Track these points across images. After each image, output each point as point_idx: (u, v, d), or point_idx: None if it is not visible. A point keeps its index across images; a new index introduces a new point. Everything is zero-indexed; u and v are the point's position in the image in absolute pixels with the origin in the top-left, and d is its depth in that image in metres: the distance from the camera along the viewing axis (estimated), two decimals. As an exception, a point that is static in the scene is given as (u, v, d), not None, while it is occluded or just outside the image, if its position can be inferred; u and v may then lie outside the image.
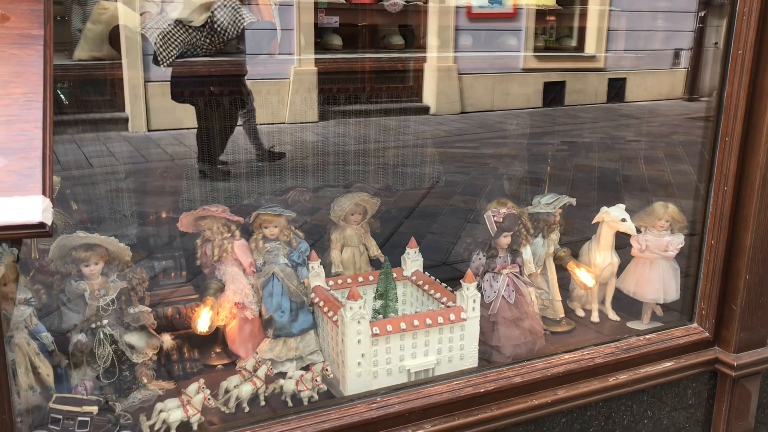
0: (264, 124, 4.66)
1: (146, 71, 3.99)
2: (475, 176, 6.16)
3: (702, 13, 7.14)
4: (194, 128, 4.37)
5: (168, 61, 3.08)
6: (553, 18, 5.30)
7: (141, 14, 3.58)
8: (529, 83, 6.17)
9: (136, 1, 3.52)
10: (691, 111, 6.72)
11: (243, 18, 3.45)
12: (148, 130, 4.32)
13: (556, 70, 6.35)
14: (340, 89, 4.82)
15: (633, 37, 6.91)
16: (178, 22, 3.44)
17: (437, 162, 6.23)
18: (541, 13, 5.53)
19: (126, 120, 4.22)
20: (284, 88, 4.64)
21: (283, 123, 4.76)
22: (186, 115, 4.33)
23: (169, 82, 3.77)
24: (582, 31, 6.16)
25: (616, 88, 7.00)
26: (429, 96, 5.50)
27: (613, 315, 3.09)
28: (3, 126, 1.47)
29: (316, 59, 4.42)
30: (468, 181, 5.99)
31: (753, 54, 2.67)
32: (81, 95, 3.87)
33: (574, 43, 6.35)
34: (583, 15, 5.88)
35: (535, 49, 5.99)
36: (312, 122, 4.92)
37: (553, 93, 6.47)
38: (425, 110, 5.51)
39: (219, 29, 3.37)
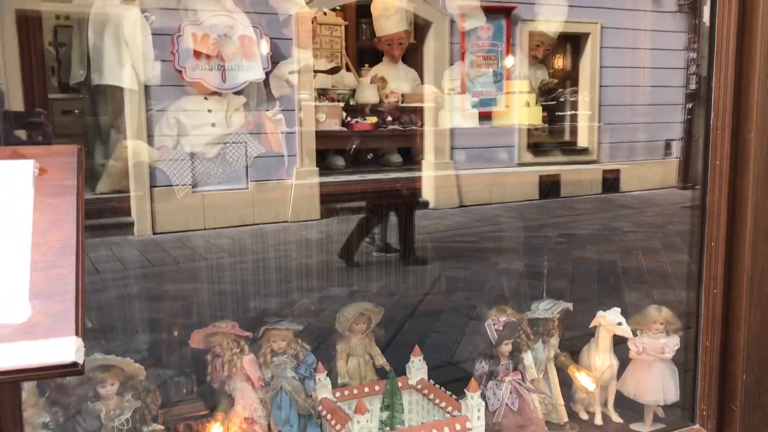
0: (266, 223, 4.86)
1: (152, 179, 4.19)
2: (476, 271, 6.32)
3: (690, 105, 7.48)
4: (200, 230, 4.57)
5: (183, 193, 3.29)
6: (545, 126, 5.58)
7: (158, 148, 3.85)
8: (524, 177, 6.38)
9: (153, 137, 3.79)
10: (686, 199, 6.91)
11: (253, 150, 3.73)
12: (154, 233, 4.48)
13: (550, 163, 6.55)
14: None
15: (625, 129, 7.17)
16: (193, 155, 3.71)
17: (438, 257, 6.43)
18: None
19: (131, 224, 4.41)
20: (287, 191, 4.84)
21: (286, 221, 4.93)
22: (191, 218, 4.54)
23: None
24: (574, 126, 6.41)
25: (611, 180, 7.20)
26: (428, 191, 5.71)
27: (616, 417, 3.17)
28: (41, 272, 1.64)
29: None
30: (469, 276, 6.15)
31: (729, 164, 2.87)
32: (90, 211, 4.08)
33: (566, 137, 6.59)
34: (574, 115, 6.15)
35: (529, 146, 6.23)
36: (314, 220, 5.10)
37: (549, 185, 6.68)
38: (425, 205, 5.71)
39: (231, 160, 3.62)
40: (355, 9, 6.57)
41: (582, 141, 6.65)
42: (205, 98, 4.11)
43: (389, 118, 4.46)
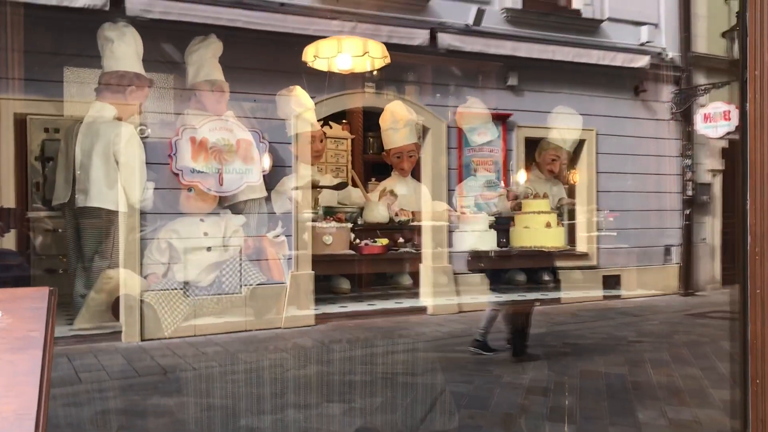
0: (259, 329, 4.44)
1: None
2: (479, 385, 5.87)
3: (687, 211, 7.31)
4: (189, 336, 4.15)
5: (172, 329, 2.95)
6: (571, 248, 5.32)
7: (146, 276, 3.53)
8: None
9: (140, 265, 3.48)
10: (689, 306, 6.59)
11: (251, 278, 3.41)
12: (142, 340, 4.12)
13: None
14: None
15: (624, 234, 6.95)
16: (186, 284, 3.38)
17: (439, 370, 5.97)
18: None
19: (119, 331, 4.06)
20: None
21: (279, 328, 4.54)
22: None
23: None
24: (572, 231, 6.19)
25: (611, 284, 6.93)
26: (426, 296, 5.36)
27: None
28: (-15, 450, 1.25)
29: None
30: (472, 391, 5.69)
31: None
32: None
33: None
34: (572, 223, 5.92)
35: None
36: (308, 326, 4.72)
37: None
38: (422, 310, 5.32)
39: (228, 289, 3.29)
40: (361, 121, 6.43)
41: (581, 245, 6.41)
42: (201, 220, 3.80)
43: (401, 240, 4.14)
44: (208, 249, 3.67)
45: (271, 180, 4.13)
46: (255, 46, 4.77)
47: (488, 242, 4.35)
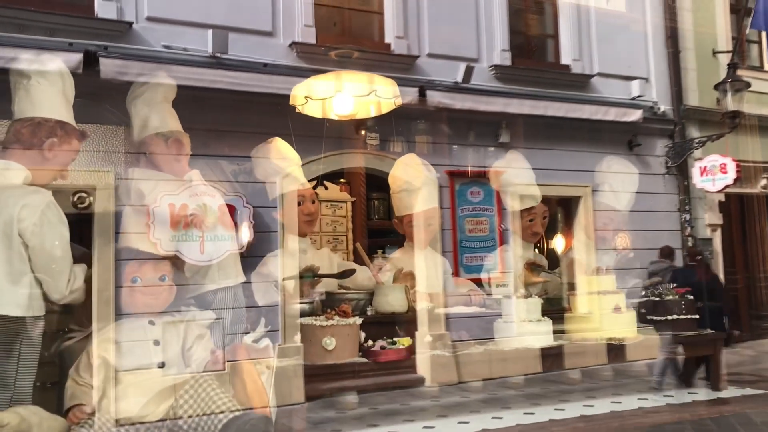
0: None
1: None
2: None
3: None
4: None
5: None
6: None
7: (66, 413, 2.23)
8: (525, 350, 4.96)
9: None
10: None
11: (221, 410, 2.14)
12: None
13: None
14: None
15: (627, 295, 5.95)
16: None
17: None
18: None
19: None
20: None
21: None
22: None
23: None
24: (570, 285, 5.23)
25: (615, 349, 5.83)
26: (423, 365, 4.09)
27: None
28: None
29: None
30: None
31: None
32: None
33: (565, 304, 5.31)
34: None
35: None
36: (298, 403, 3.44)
37: (551, 357, 5.34)
38: (420, 382, 4.05)
39: (186, 428, 2.00)
40: (363, 181, 5.43)
41: (582, 307, 5.41)
42: (150, 322, 2.51)
43: (428, 338, 2.88)
44: (160, 365, 2.38)
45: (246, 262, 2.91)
46: (238, 108, 4.30)
47: (545, 335, 3.17)
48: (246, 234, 3.00)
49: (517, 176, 3.88)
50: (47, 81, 2.56)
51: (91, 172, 3.21)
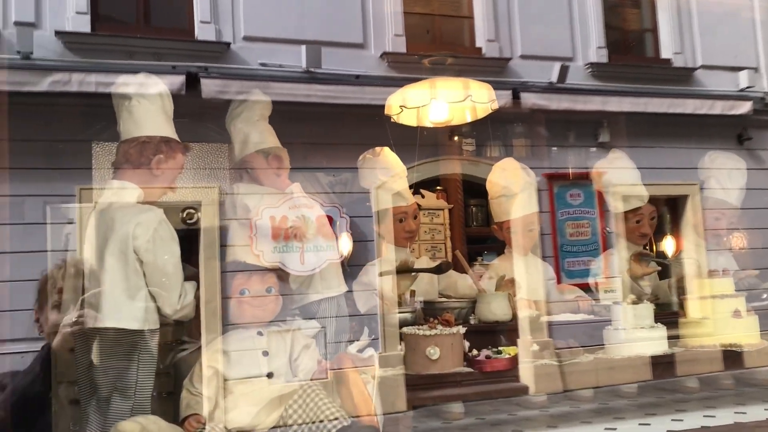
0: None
1: None
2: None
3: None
4: None
5: None
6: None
7: (182, 421, 2.29)
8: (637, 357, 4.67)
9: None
10: None
11: (329, 420, 2.14)
12: None
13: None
14: None
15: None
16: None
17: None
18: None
19: None
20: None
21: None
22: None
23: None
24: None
25: (733, 356, 5.43)
26: (527, 374, 3.92)
27: None
28: None
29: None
30: None
31: None
32: None
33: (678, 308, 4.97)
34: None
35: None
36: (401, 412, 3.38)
37: (663, 364, 5.01)
38: (524, 390, 3.88)
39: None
40: (460, 188, 5.36)
41: (696, 312, 5.06)
42: (259, 333, 2.55)
43: (535, 347, 2.76)
44: (269, 376, 2.41)
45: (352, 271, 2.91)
46: (332, 120, 4.40)
47: (659, 342, 2.98)
48: (346, 244, 3.00)
49: (620, 176, 3.68)
50: (147, 100, 2.65)
51: (198, 189, 3.33)
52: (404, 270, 2.90)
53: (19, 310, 3.95)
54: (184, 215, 2.88)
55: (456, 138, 4.34)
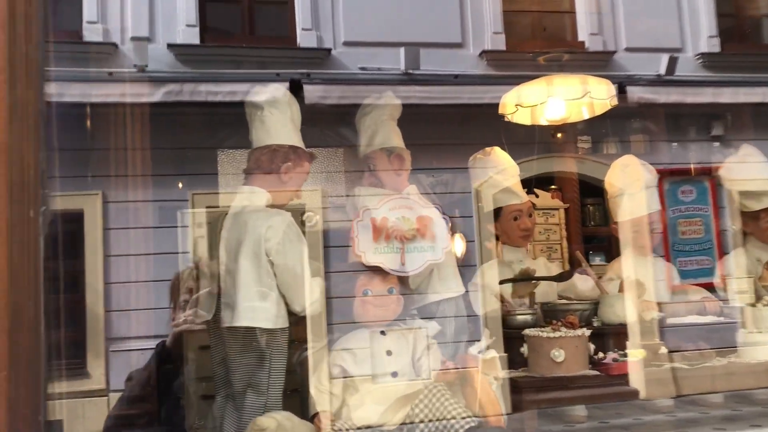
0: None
1: None
2: None
3: None
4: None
5: None
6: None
7: (313, 417, 2.37)
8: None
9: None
10: None
11: (456, 419, 2.15)
12: None
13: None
14: None
15: None
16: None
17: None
18: None
19: None
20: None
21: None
22: None
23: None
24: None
25: None
26: (636, 376, 3.77)
27: None
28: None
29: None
30: None
31: None
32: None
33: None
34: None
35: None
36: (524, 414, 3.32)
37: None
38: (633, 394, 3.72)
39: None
40: (576, 187, 5.26)
41: None
42: (382, 332, 2.62)
43: (663, 350, 2.68)
44: (393, 375, 2.45)
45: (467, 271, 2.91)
46: (431, 121, 4.39)
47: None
48: (459, 245, 3.01)
49: (752, 172, 3.48)
50: (278, 110, 2.76)
51: (313, 192, 3.44)
52: (525, 279, 2.87)
53: (149, 309, 4.22)
54: (304, 218, 2.97)
55: (560, 135, 4.26)
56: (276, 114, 2.73)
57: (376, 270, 2.60)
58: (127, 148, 4.14)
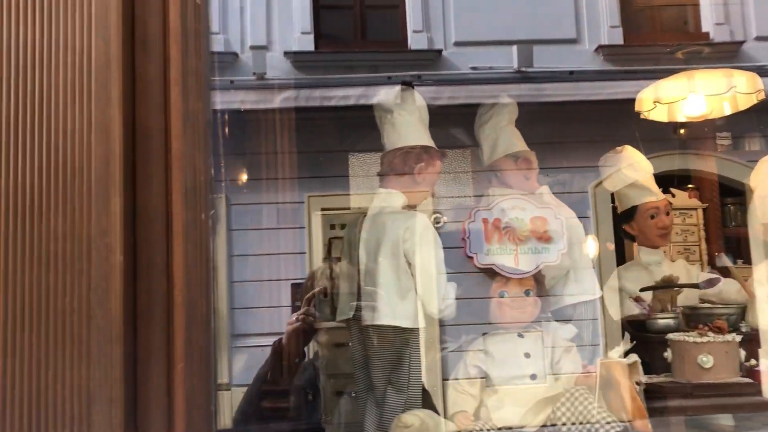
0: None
1: None
2: None
3: None
4: None
5: None
6: None
7: (452, 416, 2.41)
8: None
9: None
10: None
11: (601, 423, 2.13)
12: None
13: None
14: None
15: None
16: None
17: None
18: None
19: None
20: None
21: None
22: None
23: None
24: None
25: None
26: None
27: None
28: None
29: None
30: None
31: None
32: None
33: None
34: None
35: None
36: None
37: None
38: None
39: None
40: (716, 186, 5.07)
41: None
42: (519, 335, 2.63)
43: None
44: (532, 377, 2.44)
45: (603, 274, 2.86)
46: (544, 119, 4.21)
47: None
48: (593, 247, 2.96)
49: None
50: (407, 111, 2.81)
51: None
52: (667, 286, 2.79)
53: (271, 307, 4.41)
54: (432, 220, 3.01)
55: (682, 131, 4.10)
56: (405, 115, 2.78)
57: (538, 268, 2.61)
58: (246, 153, 4.34)
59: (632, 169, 3.10)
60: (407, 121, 2.79)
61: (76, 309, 1.55)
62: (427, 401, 2.60)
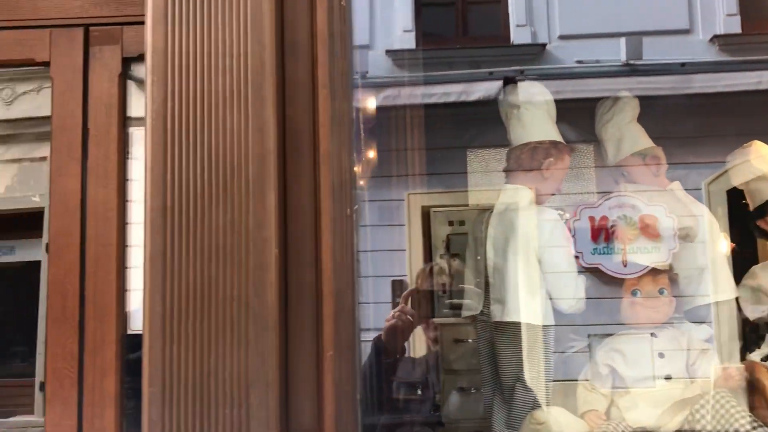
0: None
1: None
2: None
3: None
4: None
5: None
6: None
7: (582, 415, 2.38)
8: None
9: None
10: None
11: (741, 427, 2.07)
12: None
13: None
14: None
15: None
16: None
17: None
18: None
19: None
20: None
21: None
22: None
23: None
24: None
25: None
26: None
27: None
28: None
29: None
30: None
31: None
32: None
33: None
34: None
35: None
36: None
37: None
38: None
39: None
40: None
41: None
42: (652, 334, 2.58)
43: None
44: (667, 378, 2.39)
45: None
46: (655, 114, 3.92)
47: None
48: (723, 244, 2.86)
49: None
50: (533, 106, 2.81)
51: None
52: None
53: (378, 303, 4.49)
54: (556, 216, 3.00)
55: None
56: (532, 111, 2.78)
57: (647, 270, 2.56)
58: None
59: (763, 161, 2.97)
60: (534, 115, 2.78)
61: (235, 298, 1.64)
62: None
